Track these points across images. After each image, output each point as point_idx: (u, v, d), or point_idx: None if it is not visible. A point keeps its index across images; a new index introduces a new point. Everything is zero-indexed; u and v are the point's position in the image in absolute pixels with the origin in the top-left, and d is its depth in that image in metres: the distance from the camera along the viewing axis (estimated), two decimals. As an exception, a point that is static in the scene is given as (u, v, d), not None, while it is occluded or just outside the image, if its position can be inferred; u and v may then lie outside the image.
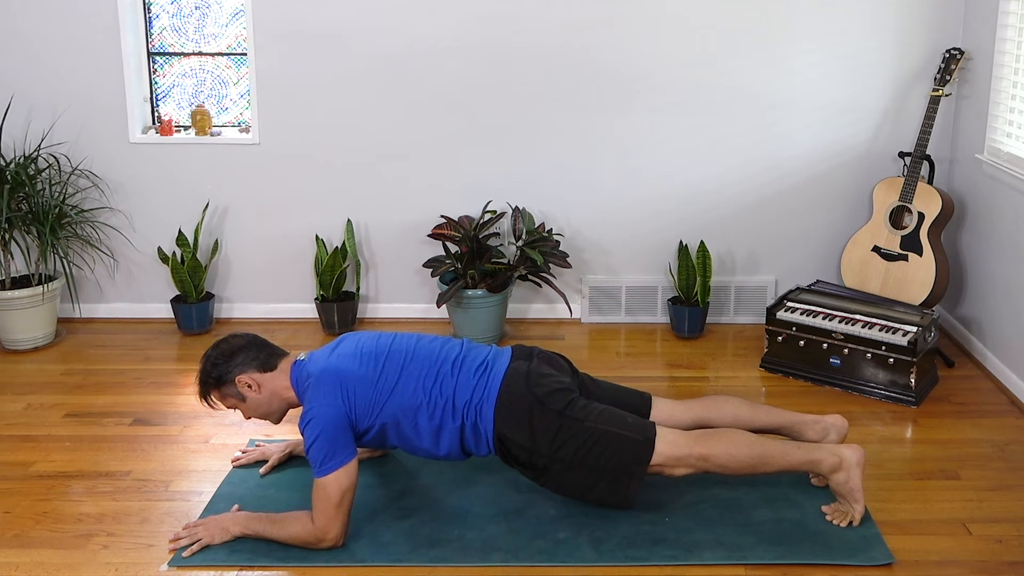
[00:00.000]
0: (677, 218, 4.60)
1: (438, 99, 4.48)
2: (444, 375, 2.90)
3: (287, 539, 2.78)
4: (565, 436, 2.81)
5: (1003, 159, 3.97)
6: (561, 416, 2.83)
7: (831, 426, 3.11)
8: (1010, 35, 3.96)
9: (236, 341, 2.97)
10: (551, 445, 2.81)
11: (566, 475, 2.85)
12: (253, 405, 2.96)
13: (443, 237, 4.37)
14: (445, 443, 2.90)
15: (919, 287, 4.13)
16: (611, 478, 2.83)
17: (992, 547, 2.82)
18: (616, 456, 2.81)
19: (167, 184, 4.61)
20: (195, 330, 4.57)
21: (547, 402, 2.84)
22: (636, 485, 2.84)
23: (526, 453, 2.85)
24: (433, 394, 2.87)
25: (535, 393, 2.85)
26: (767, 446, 2.88)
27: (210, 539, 2.81)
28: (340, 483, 2.72)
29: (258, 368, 2.93)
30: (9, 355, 4.34)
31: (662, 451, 2.81)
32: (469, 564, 2.75)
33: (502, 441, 2.87)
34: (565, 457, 2.82)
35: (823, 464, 2.89)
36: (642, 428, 2.85)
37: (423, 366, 2.91)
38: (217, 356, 2.93)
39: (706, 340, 4.49)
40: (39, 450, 3.44)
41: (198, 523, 2.87)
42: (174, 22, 4.62)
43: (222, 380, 2.92)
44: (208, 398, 2.98)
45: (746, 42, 4.39)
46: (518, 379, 2.89)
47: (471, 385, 2.88)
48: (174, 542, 2.83)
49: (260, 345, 2.99)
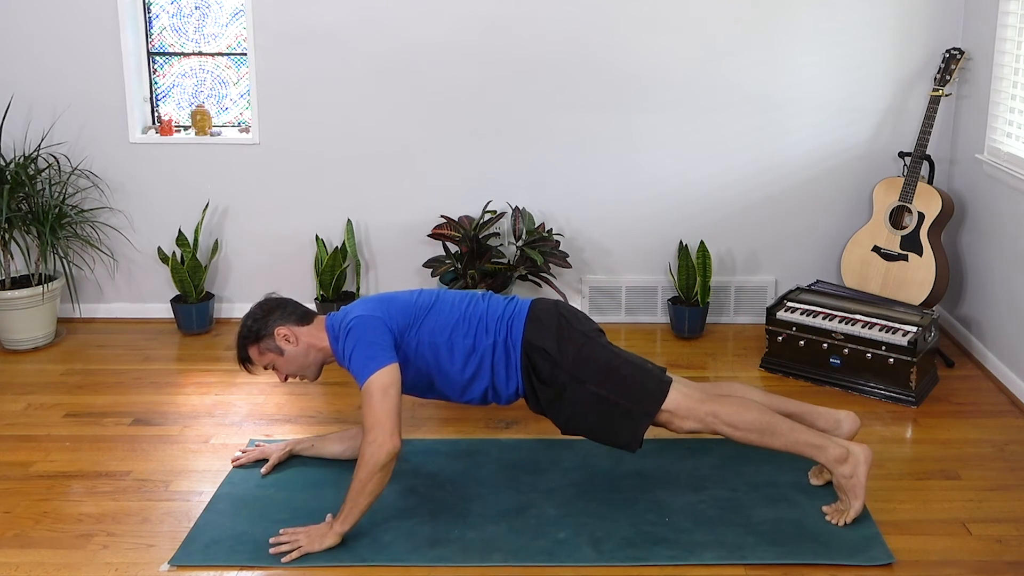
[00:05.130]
0: (677, 218, 4.60)
1: (438, 99, 4.48)
2: (476, 300, 3.09)
3: (367, 485, 2.74)
4: (588, 355, 2.93)
5: (1003, 159, 3.97)
6: (586, 337, 2.98)
7: (844, 419, 3.10)
8: (1010, 35, 3.96)
9: (273, 301, 3.09)
10: (575, 359, 2.92)
11: (581, 401, 2.91)
12: (291, 358, 3.02)
13: (443, 237, 4.37)
14: (474, 365, 2.98)
15: (919, 287, 4.13)
16: (622, 412, 2.89)
17: (992, 547, 2.82)
18: (632, 390, 2.89)
19: (167, 184, 4.61)
20: (195, 330, 4.57)
21: (574, 322, 3.01)
22: (644, 425, 2.90)
23: (550, 366, 2.94)
24: (468, 312, 3.03)
25: (562, 312, 3.04)
26: (776, 418, 2.91)
27: (309, 547, 2.78)
28: (382, 382, 2.77)
29: (296, 321, 3.03)
30: (9, 355, 4.34)
31: (675, 398, 2.89)
32: (469, 564, 2.75)
33: (529, 356, 2.96)
34: (584, 378, 2.90)
35: (828, 452, 2.87)
36: (659, 372, 2.99)
37: (455, 296, 3.11)
38: (255, 312, 3.05)
39: (706, 340, 4.49)
40: (39, 450, 3.44)
41: (298, 530, 2.84)
42: (174, 22, 4.62)
43: (261, 334, 3.00)
44: (246, 357, 3.04)
45: (746, 42, 4.39)
46: (547, 304, 3.09)
47: (501, 306, 3.06)
48: (274, 546, 2.80)
49: (296, 304, 3.10)
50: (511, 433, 3.55)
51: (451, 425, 3.63)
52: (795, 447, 2.89)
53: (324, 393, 3.88)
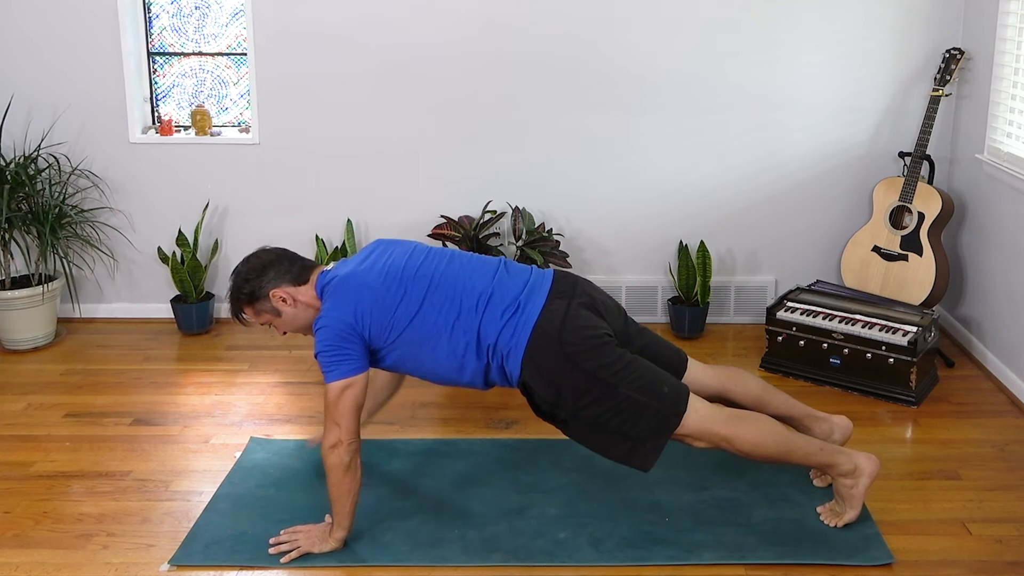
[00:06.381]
0: (677, 218, 4.60)
1: (438, 99, 4.48)
2: (467, 311, 2.77)
3: (341, 487, 2.73)
4: (593, 398, 2.73)
5: (1003, 159, 3.97)
6: (592, 378, 2.72)
7: (836, 426, 3.10)
8: (1010, 35, 3.96)
9: (267, 256, 2.90)
10: (577, 403, 2.76)
11: (587, 432, 2.82)
12: (288, 319, 2.89)
13: (443, 237, 4.37)
14: (467, 375, 2.84)
15: (919, 287, 4.13)
16: (632, 444, 2.77)
17: (992, 547, 2.82)
18: (641, 425, 2.74)
19: (167, 184, 4.61)
20: (195, 330, 4.57)
21: (579, 362, 2.72)
22: (656, 453, 2.79)
23: (549, 406, 2.83)
24: (456, 330, 2.77)
25: (566, 351, 2.72)
26: (792, 444, 2.83)
27: (309, 547, 2.78)
28: (344, 385, 2.70)
29: (291, 282, 2.86)
30: (9, 355, 4.34)
31: (690, 423, 2.75)
32: (470, 564, 2.75)
33: (526, 388, 2.83)
34: (588, 417, 2.77)
35: (839, 468, 2.86)
36: (674, 402, 2.75)
37: (446, 296, 2.79)
38: (248, 271, 2.87)
39: (706, 340, 4.49)
40: (39, 450, 3.44)
41: (297, 530, 2.84)
42: (174, 22, 4.62)
43: (255, 295, 2.85)
44: (241, 315, 2.92)
45: (746, 42, 4.39)
46: (550, 330, 2.74)
47: (497, 328, 2.76)
48: (274, 546, 2.80)
49: (291, 258, 2.92)
50: (511, 433, 3.55)
51: (451, 425, 3.63)
52: (807, 461, 2.87)
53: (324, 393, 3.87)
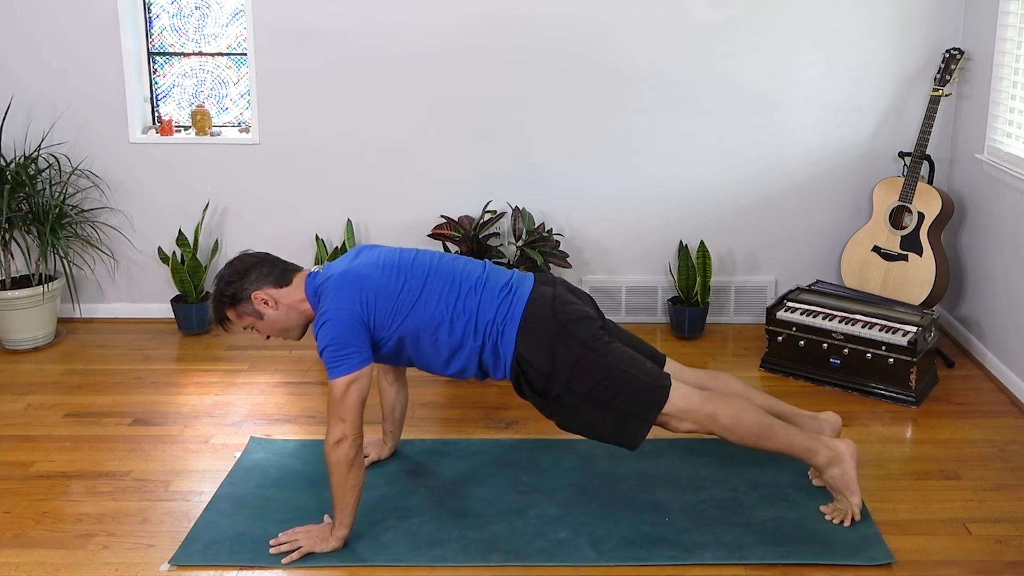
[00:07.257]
0: (677, 218, 4.60)
1: (438, 99, 4.48)
2: (467, 292, 2.86)
3: (345, 483, 2.74)
4: (585, 367, 2.78)
5: (1003, 159, 3.97)
6: (584, 346, 2.80)
7: (825, 422, 3.12)
8: (1010, 35, 3.96)
9: (249, 259, 2.92)
10: (570, 373, 2.78)
11: (577, 408, 2.83)
12: (271, 322, 2.90)
13: (443, 237, 4.37)
14: (462, 361, 2.87)
15: (919, 287, 4.13)
16: (621, 418, 2.81)
17: (992, 547, 2.82)
18: (630, 398, 2.79)
19: (167, 184, 4.61)
20: (195, 330, 4.57)
21: (572, 329, 2.81)
22: (644, 429, 2.82)
23: (543, 379, 2.83)
24: (456, 310, 2.83)
25: (560, 319, 2.82)
26: (772, 421, 2.88)
27: (310, 547, 2.78)
28: (350, 380, 2.70)
29: (273, 284, 2.87)
30: (9, 355, 4.34)
31: (675, 401, 2.80)
32: (470, 564, 2.75)
33: (520, 364, 2.84)
34: (581, 389, 2.79)
35: (819, 456, 2.88)
36: (659, 376, 2.85)
37: (446, 281, 2.87)
38: (231, 274, 2.88)
39: (706, 340, 4.49)
40: (39, 450, 3.44)
41: (297, 530, 2.84)
42: (174, 22, 4.62)
43: (237, 298, 2.86)
44: (224, 319, 2.93)
45: (746, 42, 4.39)
46: (543, 303, 2.85)
47: (495, 304, 2.84)
48: (275, 547, 2.80)
49: (273, 261, 2.94)
50: (511, 433, 3.55)
51: (451, 425, 3.63)
52: (788, 449, 2.89)
53: (324, 393, 3.88)
